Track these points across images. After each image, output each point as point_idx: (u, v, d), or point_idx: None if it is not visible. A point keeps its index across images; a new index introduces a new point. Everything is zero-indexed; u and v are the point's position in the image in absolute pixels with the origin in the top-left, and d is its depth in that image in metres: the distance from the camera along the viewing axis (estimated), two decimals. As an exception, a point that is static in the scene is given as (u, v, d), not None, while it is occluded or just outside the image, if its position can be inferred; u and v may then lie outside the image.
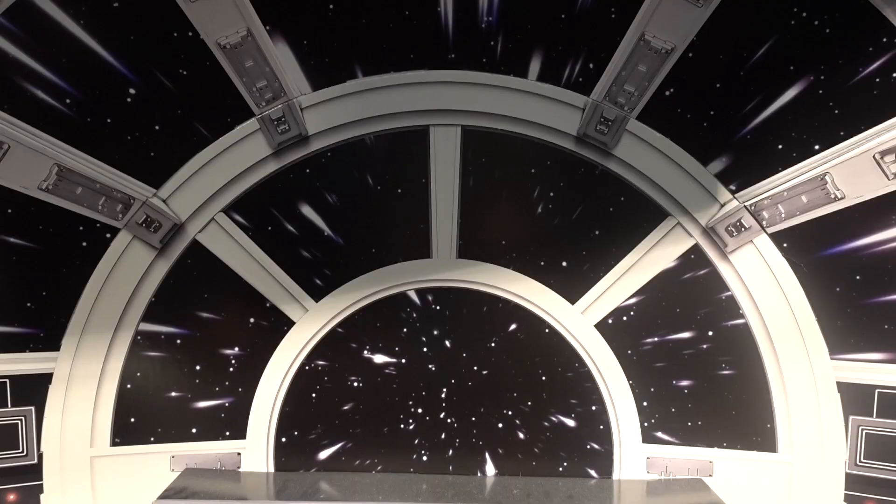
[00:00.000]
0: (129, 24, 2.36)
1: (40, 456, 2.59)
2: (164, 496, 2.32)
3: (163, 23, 2.36)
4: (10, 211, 2.46)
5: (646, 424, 2.73)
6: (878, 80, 2.35)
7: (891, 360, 2.58)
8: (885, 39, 2.29)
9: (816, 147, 2.46)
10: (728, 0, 2.40)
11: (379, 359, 2.74)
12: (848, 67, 2.37)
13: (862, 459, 2.59)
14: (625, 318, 2.71)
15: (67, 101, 2.40)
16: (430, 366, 2.74)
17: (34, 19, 2.31)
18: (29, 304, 2.56)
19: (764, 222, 2.56)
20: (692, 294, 2.70)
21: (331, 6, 2.44)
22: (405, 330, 2.74)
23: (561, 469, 2.74)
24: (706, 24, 2.42)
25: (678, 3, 2.38)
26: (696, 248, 2.66)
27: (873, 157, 2.39)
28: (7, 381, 2.58)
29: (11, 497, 2.55)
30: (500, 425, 2.76)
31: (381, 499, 2.31)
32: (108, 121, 2.46)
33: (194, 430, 2.71)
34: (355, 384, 2.75)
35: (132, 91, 2.44)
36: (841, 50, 2.36)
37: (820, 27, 2.31)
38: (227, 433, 2.74)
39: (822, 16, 2.30)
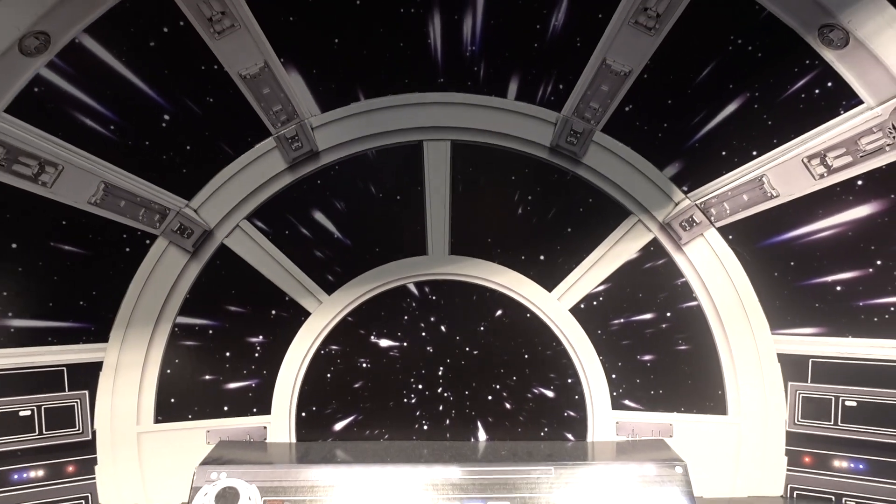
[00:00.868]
0: (164, 60, 2.44)
1: (94, 433, 2.68)
2: (204, 463, 2.42)
3: (192, 58, 2.44)
4: (64, 223, 2.53)
5: (614, 394, 2.84)
6: (803, 95, 2.44)
7: (821, 333, 2.68)
8: (807, 61, 2.38)
9: (754, 153, 2.57)
10: (676, 29, 2.42)
11: (384, 343, 2.85)
12: (778, 85, 2.46)
13: (799, 419, 2.70)
14: (595, 303, 2.81)
15: (111, 127, 2.48)
16: (428, 348, 2.84)
17: (83, 59, 2.39)
18: (81, 303, 2.65)
19: (712, 218, 2.67)
20: (652, 281, 2.81)
21: (336, 40, 2.52)
22: (406, 317, 2.85)
23: (542, 434, 2.85)
24: (658, 49, 2.50)
25: (633, 32, 2.44)
26: (654, 241, 2.76)
27: (802, 161, 2.49)
28: (64, 369, 2.65)
29: (70, 469, 2.65)
30: (490, 397, 2.86)
31: (388, 462, 2.42)
32: (147, 143, 2.54)
33: (226, 408, 2.81)
34: (364, 365, 2.85)
35: (166, 117, 2.53)
36: (771, 71, 2.45)
37: (753, 52, 2.41)
38: (255, 410, 2.83)
39: (755, 42, 2.39)
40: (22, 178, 2.46)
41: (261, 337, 2.82)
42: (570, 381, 2.86)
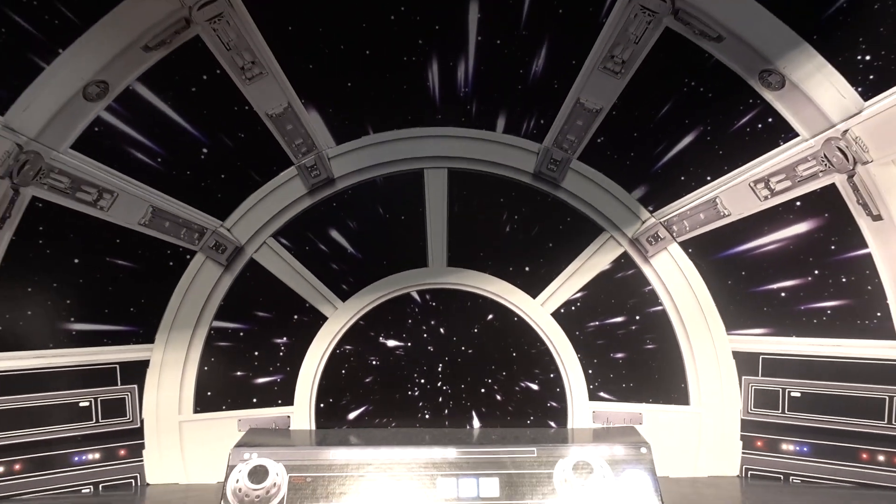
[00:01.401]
0: (202, 102, 2.59)
1: (142, 421, 2.81)
2: (238, 446, 2.54)
3: (227, 100, 2.59)
4: (118, 241, 2.68)
5: (591, 387, 2.95)
6: (748, 129, 2.58)
7: (769, 333, 2.80)
8: (751, 101, 2.52)
9: (708, 178, 2.71)
10: (639, 73, 2.57)
11: (391, 343, 2.98)
12: (726, 121, 2.60)
13: (752, 408, 2.83)
14: (573, 308, 2.94)
15: (158, 159, 2.63)
16: (429, 347, 2.97)
17: (136, 103, 2.54)
18: (131, 309, 2.78)
19: (674, 233, 2.81)
20: (623, 289, 2.93)
21: (349, 84, 2.66)
22: (410, 321, 2.97)
23: (528, 422, 2.97)
24: (624, 90, 2.63)
25: (603, 76, 2.58)
26: (625, 255, 2.89)
27: (749, 185, 2.64)
28: (117, 366, 2.78)
29: (122, 452, 2.78)
30: (483, 390, 2.98)
31: (395, 445, 2.53)
32: (188, 172, 2.69)
33: (255, 400, 2.93)
34: (374, 362, 2.97)
35: (205, 150, 2.68)
36: (721, 108, 2.59)
37: (705, 92, 2.56)
38: (280, 401, 2.95)
39: (706, 84, 2.54)
40: (83, 203, 2.60)
41: (285, 338, 2.93)
42: (552, 375, 2.96)
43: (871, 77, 2.30)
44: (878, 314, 2.56)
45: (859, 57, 2.30)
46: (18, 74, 2.35)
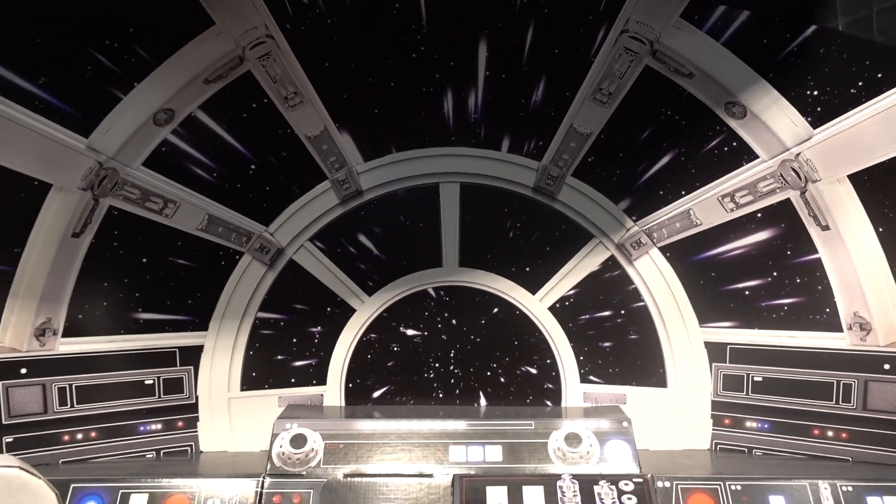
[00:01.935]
0: (252, 127, 2.72)
1: (196, 398, 2.96)
2: (280, 418, 2.71)
3: (272, 124, 2.71)
4: (179, 243, 2.82)
5: (582, 371, 3.07)
6: (716, 151, 2.69)
7: (736, 326, 2.91)
8: (718, 127, 2.63)
9: (682, 193, 2.82)
10: (623, 103, 2.67)
11: (410, 332, 3.10)
12: (698, 144, 2.71)
13: (720, 391, 2.95)
14: (567, 303, 3.06)
15: (214, 174, 2.77)
16: (443, 336, 3.09)
17: (197, 127, 2.67)
18: (189, 301, 2.93)
19: (654, 240, 2.93)
20: (610, 287, 3.04)
21: (375, 111, 2.76)
22: (426, 313, 3.10)
23: (528, 401, 3.10)
24: (611, 117, 2.72)
25: (592, 105, 2.69)
26: (612, 258, 3.00)
27: (717, 199, 2.76)
28: (177, 350, 2.93)
29: (180, 423, 2.93)
30: (489, 374, 3.10)
31: (413, 418, 2.70)
32: (238, 185, 2.82)
33: (293, 380, 3.06)
34: (395, 349, 3.10)
35: (253, 167, 2.80)
36: (693, 134, 2.69)
37: (679, 120, 2.67)
38: (314, 381, 3.08)
39: (680, 113, 2.66)
40: (151, 211, 2.75)
41: (319, 327, 3.06)
42: (548, 361, 3.08)
43: (819, 109, 2.46)
44: (827, 310, 2.71)
45: (808, 92, 2.45)
46: (101, 104, 2.51)
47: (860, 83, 2.35)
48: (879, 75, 2.31)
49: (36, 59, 2.35)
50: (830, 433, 2.73)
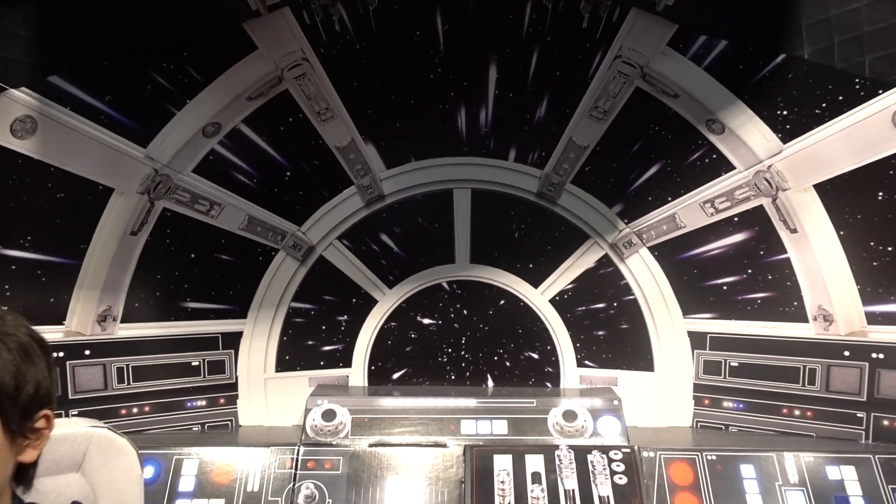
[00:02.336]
0: (288, 138, 2.83)
1: (236, 378, 3.06)
2: (312, 395, 2.82)
3: (306, 136, 2.82)
4: (223, 241, 2.92)
5: (578, 357, 3.16)
6: (698, 163, 2.79)
7: (715, 317, 2.99)
8: (700, 142, 2.72)
9: (669, 199, 2.90)
10: (616, 120, 2.77)
11: (426, 321, 3.18)
12: (682, 156, 2.81)
13: (701, 375, 3.03)
14: (566, 296, 3.13)
15: (254, 180, 2.88)
16: (455, 324, 3.17)
17: (240, 138, 2.78)
18: (231, 292, 3.01)
19: (644, 240, 3.01)
20: (604, 282, 3.11)
21: (397, 124, 2.86)
22: (440, 304, 3.16)
23: (530, 382, 3.18)
24: (606, 132, 2.81)
25: (589, 121, 2.80)
26: (605, 256, 3.07)
27: (699, 204, 2.85)
28: (219, 335, 3.01)
29: (221, 400, 3.02)
30: (496, 358, 3.18)
31: (429, 397, 2.81)
32: (275, 190, 2.92)
33: (322, 363, 3.15)
34: (412, 335, 3.18)
35: (288, 174, 2.90)
36: (678, 147, 2.79)
37: (665, 135, 2.77)
38: (341, 364, 3.16)
39: (667, 129, 2.75)
40: (199, 212, 2.87)
41: (345, 316, 3.15)
42: (549, 348, 3.17)
43: (788, 126, 2.59)
44: (795, 304, 2.83)
45: (778, 112, 2.58)
46: (157, 118, 2.65)
47: (823, 104, 2.49)
48: (840, 98, 2.44)
49: (103, 79, 2.49)
50: (797, 412, 2.84)
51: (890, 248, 2.57)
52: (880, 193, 2.48)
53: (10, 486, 1.30)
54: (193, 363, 3.02)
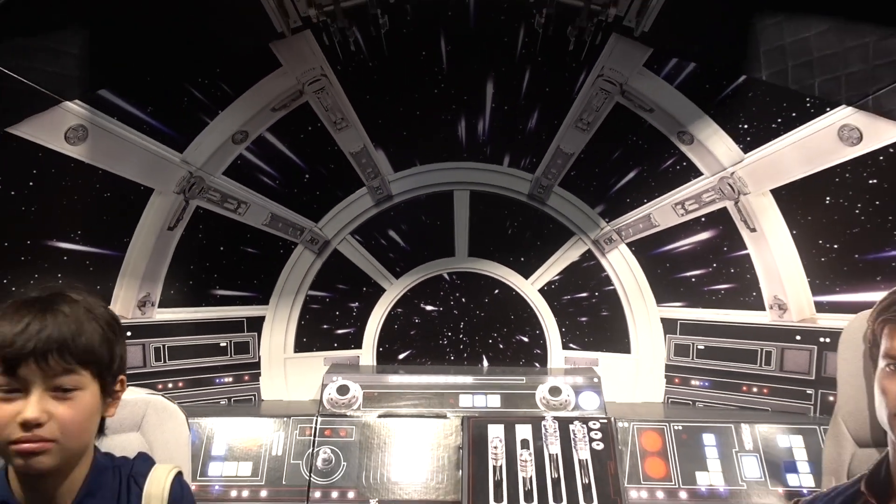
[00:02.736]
0: (307, 145, 2.91)
1: (259, 357, 3.16)
2: (327, 373, 2.91)
3: (323, 143, 2.91)
4: (248, 235, 3.03)
5: (564, 340, 3.27)
6: (670, 169, 2.89)
7: (685, 305, 3.10)
8: (672, 150, 2.82)
9: (645, 201, 3.00)
10: (599, 130, 2.87)
11: (428, 307, 3.27)
12: (657, 163, 2.91)
13: (672, 357, 3.15)
14: (553, 286, 3.24)
15: (277, 181, 2.98)
16: (454, 311, 3.26)
17: (265, 145, 2.88)
18: (254, 281, 3.12)
19: (623, 237, 3.12)
20: (587, 274, 3.21)
21: (404, 133, 2.95)
22: (442, 293, 3.25)
23: (521, 363, 3.29)
24: (589, 141, 2.91)
25: (575, 131, 2.89)
26: (588, 251, 3.18)
27: (671, 206, 2.97)
28: (245, 319, 3.11)
29: (246, 377, 3.13)
30: (490, 341, 3.28)
31: (430, 374, 2.91)
32: (295, 190, 3.01)
33: (335, 345, 3.24)
34: (416, 321, 3.28)
35: (307, 176, 3.00)
36: (652, 155, 2.89)
37: (642, 144, 2.86)
38: (353, 346, 3.25)
39: (643, 139, 2.85)
40: (228, 210, 2.98)
41: (357, 303, 3.25)
42: (537, 332, 3.28)
43: (748, 138, 2.72)
44: (754, 294, 2.96)
45: (740, 125, 2.71)
46: (192, 127, 2.76)
47: (779, 119, 2.56)
48: (793, 114, 2.52)
49: (145, 92, 2.55)
50: (755, 389, 2.94)
51: (836, 246, 2.66)
52: (828, 198, 2.60)
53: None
54: (221, 344, 3.08)
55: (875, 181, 2.46)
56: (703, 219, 2.92)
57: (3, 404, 1.22)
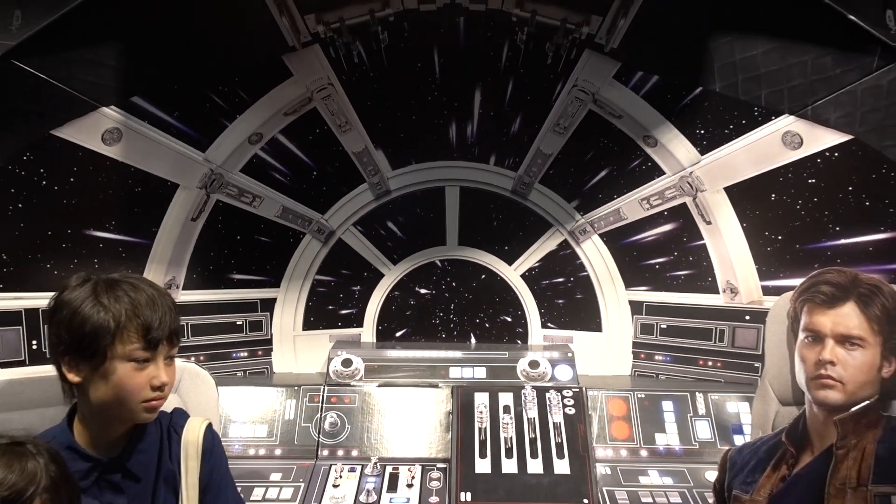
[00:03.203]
0: (315, 146, 3.02)
1: (272, 335, 3.28)
2: (333, 348, 3.05)
3: (329, 144, 3.02)
4: (262, 226, 3.14)
5: (543, 320, 3.39)
6: (637, 169, 3.01)
7: (650, 289, 3.23)
8: (638, 153, 2.93)
9: (614, 196, 3.12)
10: (574, 134, 2.98)
11: (422, 290, 3.38)
12: (625, 163, 3.02)
13: (639, 335, 3.28)
14: (533, 273, 3.36)
15: (287, 178, 3.09)
16: (445, 294, 3.37)
17: (277, 146, 2.98)
18: (267, 267, 3.24)
19: (595, 229, 3.24)
20: (564, 261, 3.33)
21: (401, 135, 3.07)
22: (434, 278, 3.36)
23: (504, 340, 3.40)
24: (565, 143, 3.02)
25: (553, 135, 3.01)
26: (565, 241, 3.28)
27: (638, 201, 3.09)
28: (258, 301, 3.24)
29: (259, 352, 3.24)
30: (477, 321, 3.40)
31: (424, 350, 3.05)
32: (304, 186, 3.12)
33: (339, 323, 3.35)
34: (411, 302, 3.40)
35: (314, 173, 3.11)
36: (622, 156, 3.00)
37: (612, 146, 2.97)
38: (355, 324, 3.36)
39: (613, 142, 2.96)
40: (244, 203, 3.09)
41: (358, 287, 3.37)
42: (519, 313, 3.39)
43: (705, 142, 2.85)
44: (709, 279, 3.11)
45: (697, 131, 2.83)
46: (214, 129, 2.88)
47: (731, 126, 2.68)
48: (743, 122, 2.64)
49: (172, 99, 2.65)
50: (710, 363, 3.07)
51: (780, 237, 2.79)
52: (773, 195, 2.72)
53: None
54: (237, 322, 3.17)
55: (814, 181, 2.58)
56: (665, 213, 3.02)
57: (138, 373, 1.44)
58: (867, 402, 1.60)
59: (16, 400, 1.61)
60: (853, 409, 1.59)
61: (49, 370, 1.51)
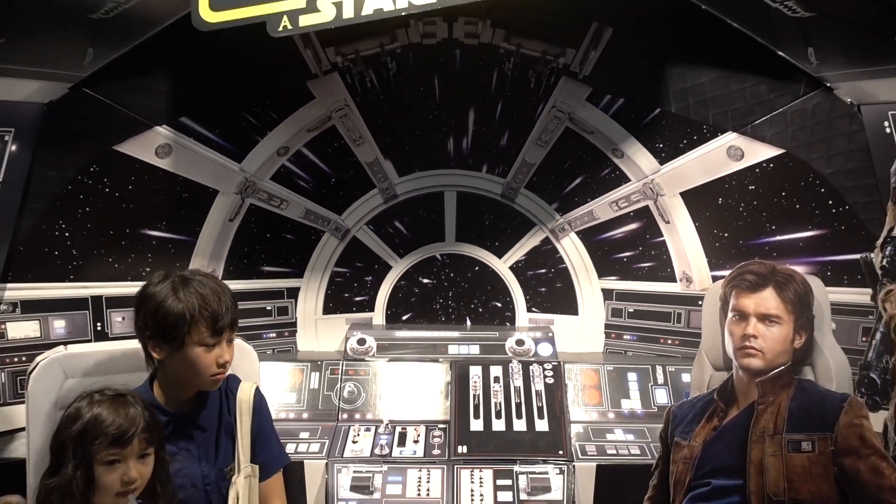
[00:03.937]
0: (333, 157, 3.13)
1: (296, 318, 3.41)
2: (349, 330, 3.19)
3: (345, 156, 3.14)
4: (288, 226, 3.28)
5: (528, 305, 3.50)
6: (607, 177, 3.12)
7: (619, 279, 3.36)
8: (607, 163, 3.04)
9: (588, 200, 3.23)
10: (554, 147, 3.11)
11: (425, 280, 3.49)
12: (597, 173, 3.12)
13: (610, 318, 3.42)
14: (520, 265, 3.47)
15: (310, 184, 3.23)
16: (444, 283, 3.47)
17: (301, 157, 3.09)
18: (293, 260, 3.37)
19: (572, 227, 3.37)
20: (545, 256, 3.43)
21: (407, 147, 3.19)
22: (435, 269, 3.47)
23: (495, 322, 3.49)
24: (546, 154, 3.13)
25: (536, 147, 3.16)
26: (546, 238, 3.39)
27: (608, 204, 3.24)
28: (285, 289, 3.37)
29: (286, 334, 3.37)
30: (472, 306, 3.50)
31: (426, 331, 3.20)
32: (324, 191, 3.25)
33: (354, 309, 3.48)
34: (416, 290, 3.50)
35: (333, 180, 3.24)
36: (594, 166, 3.13)
37: (586, 158, 3.06)
38: (367, 309, 3.48)
39: (587, 154, 3.08)
40: (273, 206, 3.23)
41: (370, 277, 3.48)
42: (508, 299, 3.50)
43: (663, 154, 3.03)
44: (668, 269, 3.26)
45: (657, 144, 3.00)
46: (248, 143, 3.05)
47: (685, 141, 2.85)
48: (695, 137, 2.82)
49: (214, 118, 2.82)
50: (670, 341, 3.21)
51: (726, 235, 2.95)
52: (720, 199, 2.89)
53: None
54: (267, 307, 3.27)
55: (753, 187, 2.77)
56: (631, 214, 3.14)
57: (208, 353, 1.67)
58: (782, 367, 1.77)
59: (113, 366, 1.86)
60: (771, 373, 1.75)
61: (119, 345, 1.86)
